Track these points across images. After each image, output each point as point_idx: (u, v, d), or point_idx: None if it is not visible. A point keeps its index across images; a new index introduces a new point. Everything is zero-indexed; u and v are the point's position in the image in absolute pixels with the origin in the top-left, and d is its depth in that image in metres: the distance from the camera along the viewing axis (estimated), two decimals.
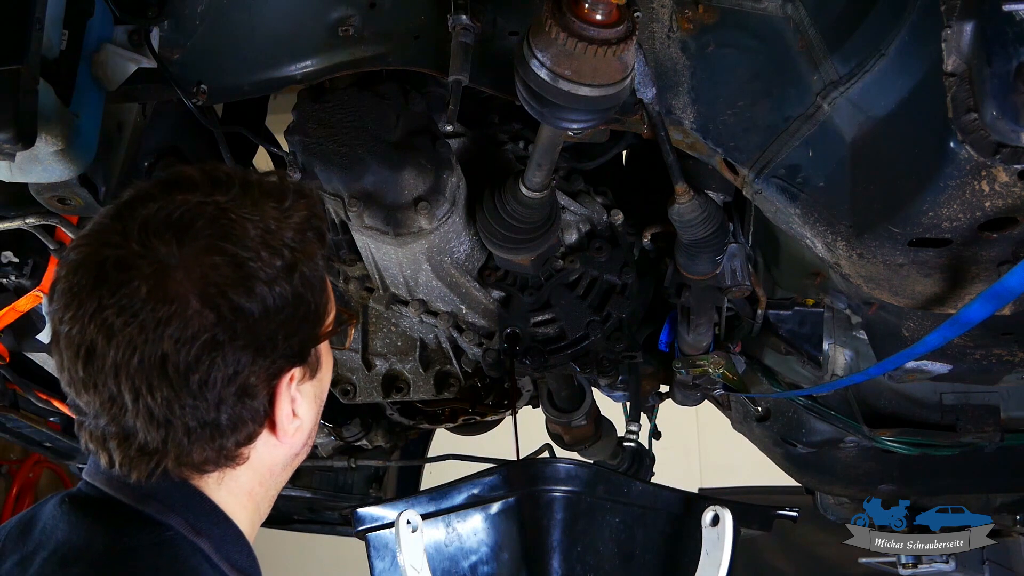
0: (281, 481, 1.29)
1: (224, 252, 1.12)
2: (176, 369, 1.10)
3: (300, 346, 1.19)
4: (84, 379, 1.12)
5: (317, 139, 1.71)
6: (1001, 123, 1.08)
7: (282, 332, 1.16)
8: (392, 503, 1.80)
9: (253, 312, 1.13)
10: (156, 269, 1.10)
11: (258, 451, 1.21)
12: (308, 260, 1.20)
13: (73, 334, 1.11)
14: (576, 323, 2.01)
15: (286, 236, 1.18)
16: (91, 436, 1.17)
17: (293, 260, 1.17)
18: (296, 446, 1.25)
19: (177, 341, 1.09)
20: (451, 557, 1.64)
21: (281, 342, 1.16)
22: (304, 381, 1.22)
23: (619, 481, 1.65)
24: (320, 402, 1.28)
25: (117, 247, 1.12)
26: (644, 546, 1.65)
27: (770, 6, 1.45)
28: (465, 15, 1.53)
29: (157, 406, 1.11)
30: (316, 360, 1.24)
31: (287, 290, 1.16)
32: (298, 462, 1.30)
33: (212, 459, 1.17)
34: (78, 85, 1.50)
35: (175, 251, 1.11)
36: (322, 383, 1.28)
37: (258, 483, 1.24)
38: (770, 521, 1.81)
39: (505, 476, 1.62)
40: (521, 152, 1.98)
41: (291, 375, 1.18)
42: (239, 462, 1.19)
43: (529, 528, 1.57)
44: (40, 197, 1.71)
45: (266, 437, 1.20)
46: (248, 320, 1.12)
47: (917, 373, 1.83)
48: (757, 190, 1.54)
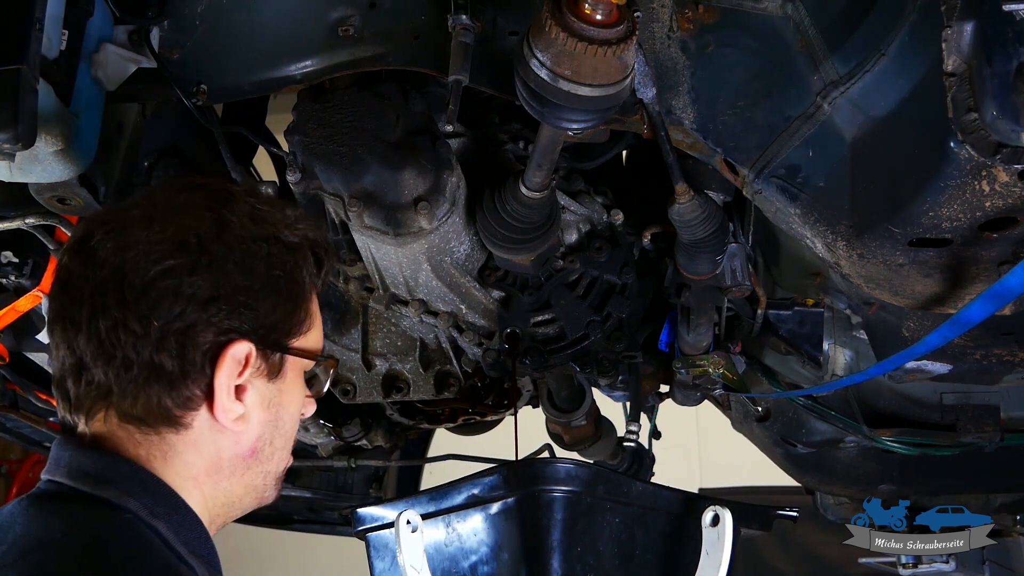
0: (231, 490, 1.27)
1: (212, 210, 1.20)
2: (131, 290, 1.15)
3: (261, 329, 1.22)
4: (57, 309, 1.20)
5: (317, 139, 1.71)
6: (1001, 123, 1.09)
7: (243, 299, 1.19)
8: (392, 503, 1.80)
9: (220, 260, 1.18)
10: (146, 212, 1.20)
11: (200, 427, 1.21)
12: (292, 262, 1.24)
13: (61, 266, 1.20)
14: (576, 323, 2.01)
15: (281, 231, 1.24)
16: (56, 383, 1.22)
17: (276, 250, 1.23)
18: (242, 445, 1.25)
19: (138, 263, 1.16)
20: (451, 557, 1.64)
21: (239, 308, 1.19)
22: (260, 375, 1.23)
23: (619, 481, 1.65)
24: (277, 417, 1.28)
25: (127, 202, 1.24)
26: (644, 546, 1.64)
27: (770, 6, 1.45)
28: (465, 15, 1.53)
29: (105, 328, 1.15)
30: (279, 366, 1.26)
31: (261, 267, 1.21)
32: (252, 481, 1.29)
33: (153, 413, 1.18)
34: (78, 85, 1.50)
35: (171, 205, 1.21)
36: (281, 396, 1.28)
37: (204, 471, 1.24)
38: (770, 521, 1.81)
39: (505, 476, 1.62)
40: (521, 152, 1.98)
41: (244, 351, 1.20)
42: (180, 427, 1.20)
43: (529, 528, 1.56)
44: (40, 197, 1.71)
45: (207, 415, 1.21)
46: (211, 265, 1.17)
47: (917, 373, 1.83)
48: (757, 190, 1.54)
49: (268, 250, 1.22)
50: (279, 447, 1.30)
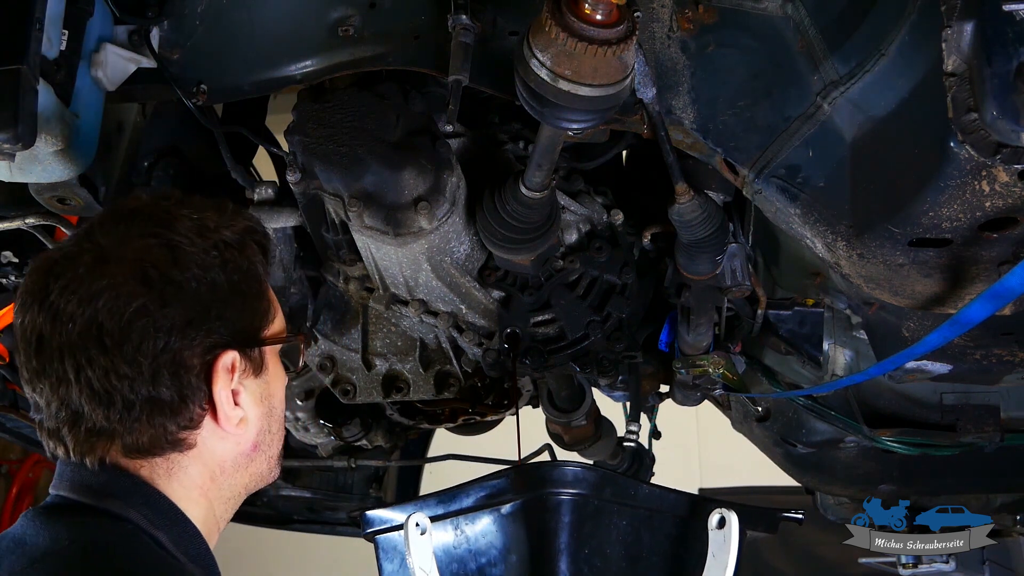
0: (237, 484, 1.33)
1: (158, 236, 1.24)
2: (111, 337, 1.18)
3: (237, 334, 1.27)
4: (36, 368, 1.22)
5: (317, 139, 1.71)
6: (1001, 123, 1.09)
7: (215, 312, 1.24)
8: (401, 506, 1.81)
9: (183, 284, 1.22)
10: (96, 255, 1.22)
11: (204, 440, 1.26)
12: (245, 260, 1.29)
13: (26, 324, 1.22)
14: (576, 323, 2.00)
15: (224, 234, 1.28)
16: (48, 432, 1.25)
17: (228, 254, 1.27)
18: (244, 443, 1.31)
19: (111, 310, 1.18)
20: (460, 559, 1.64)
21: (214, 322, 1.24)
22: (247, 376, 1.29)
23: (626, 484, 1.65)
24: (270, 407, 1.34)
25: (67, 247, 1.24)
26: (651, 548, 1.64)
27: (770, 6, 1.45)
28: (465, 15, 1.53)
29: (96, 378, 1.19)
30: (260, 359, 1.31)
31: (220, 276, 1.25)
32: (256, 470, 1.34)
33: (158, 442, 1.23)
34: (78, 85, 1.50)
35: (115, 240, 1.23)
36: (269, 386, 1.33)
37: (209, 478, 1.29)
38: (776, 523, 1.81)
39: (513, 479, 1.62)
40: (521, 152, 1.98)
41: (231, 360, 1.25)
42: (185, 448, 1.25)
43: (537, 530, 1.57)
44: (40, 197, 1.71)
45: (211, 426, 1.26)
46: (178, 292, 1.21)
47: (917, 373, 1.83)
48: (757, 190, 1.54)
49: (221, 257, 1.26)
50: (276, 430, 1.36)
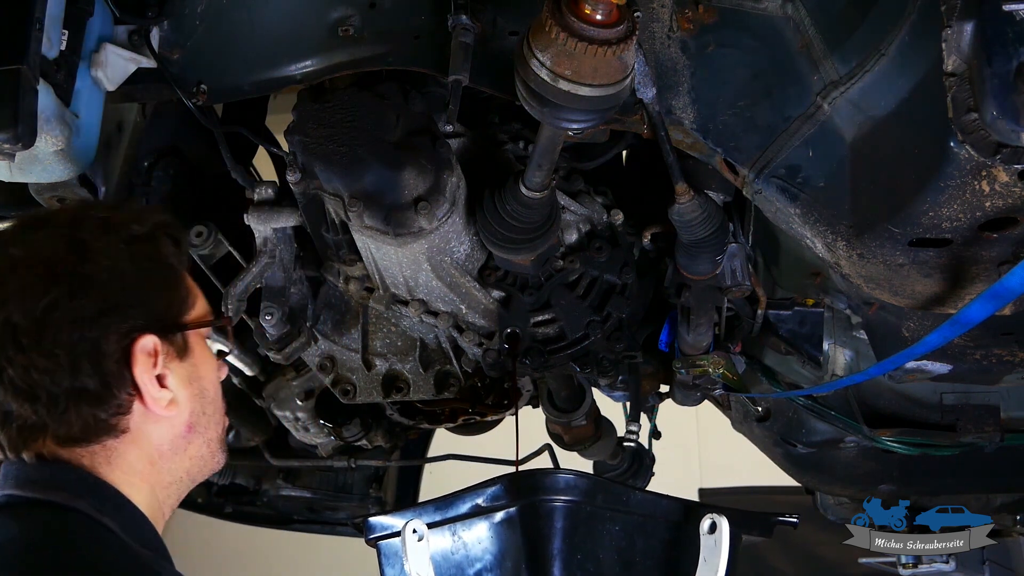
0: (177, 468, 1.37)
1: (63, 234, 1.28)
2: (26, 335, 1.23)
3: (155, 319, 1.31)
4: None
5: (317, 139, 1.71)
6: (1001, 123, 1.09)
7: (127, 300, 1.28)
8: (400, 512, 1.84)
9: (92, 277, 1.26)
10: (6, 264, 1.27)
11: (138, 425, 1.30)
12: (156, 251, 1.34)
13: None
14: (576, 323, 2.00)
15: (132, 228, 1.33)
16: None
17: (137, 247, 1.32)
18: (178, 425, 1.35)
19: (23, 309, 1.23)
20: (457, 564, 1.66)
21: (128, 309, 1.28)
22: (171, 359, 1.33)
23: (618, 491, 1.66)
24: (201, 388, 1.38)
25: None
26: (644, 553, 1.65)
27: (770, 6, 1.45)
28: (465, 15, 1.53)
29: (18, 376, 1.23)
30: (184, 343, 1.35)
31: (129, 267, 1.30)
32: (196, 452, 1.39)
33: (90, 430, 1.27)
34: (78, 85, 1.50)
35: (24, 248, 1.28)
36: (197, 369, 1.38)
37: (148, 463, 1.33)
38: (771, 527, 1.82)
39: (507, 486, 1.64)
40: (521, 152, 1.98)
41: (151, 344, 1.29)
42: (119, 433, 1.29)
43: (531, 536, 1.59)
44: (40, 197, 1.71)
45: (141, 410, 1.30)
46: (87, 284, 1.26)
47: (917, 373, 1.83)
48: (757, 190, 1.54)
49: (129, 250, 1.30)
50: (211, 413, 1.40)
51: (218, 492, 3.10)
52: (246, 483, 3.08)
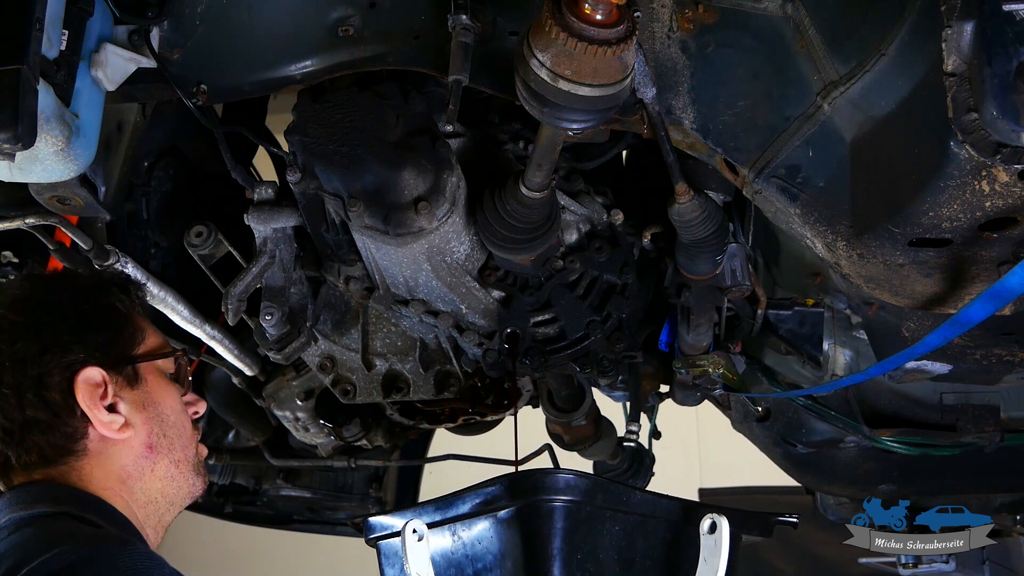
0: (150, 489, 1.48)
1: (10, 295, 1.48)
2: None
3: (96, 352, 1.45)
4: None
5: (317, 139, 1.71)
6: (1001, 123, 1.09)
7: (67, 337, 1.43)
8: (400, 512, 1.84)
9: (30, 324, 1.43)
10: None
11: (97, 447, 1.43)
12: (97, 295, 1.50)
13: None
14: (576, 323, 2.01)
15: (77, 280, 1.54)
16: None
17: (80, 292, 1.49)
18: (136, 446, 1.46)
19: None
20: (457, 564, 1.67)
21: (70, 346, 1.42)
22: (122, 387, 1.47)
23: (618, 491, 1.66)
24: (157, 413, 1.51)
25: None
26: (644, 553, 1.66)
27: (770, 6, 1.45)
28: (465, 15, 1.53)
29: None
30: (134, 374, 1.49)
31: (70, 309, 1.46)
32: (164, 473, 1.50)
33: (49, 453, 1.41)
34: (78, 85, 1.50)
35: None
36: (151, 395, 1.51)
37: (117, 481, 1.44)
38: (770, 527, 1.82)
39: (507, 486, 1.64)
40: (521, 152, 1.98)
41: (96, 375, 1.43)
42: (81, 455, 1.42)
43: (531, 536, 1.59)
44: (40, 197, 1.71)
45: (96, 434, 1.43)
46: (28, 330, 1.42)
47: (917, 373, 1.83)
48: (757, 190, 1.54)
49: (72, 297, 1.48)
50: (174, 436, 1.52)
51: (218, 492, 3.11)
52: (246, 483, 3.08)
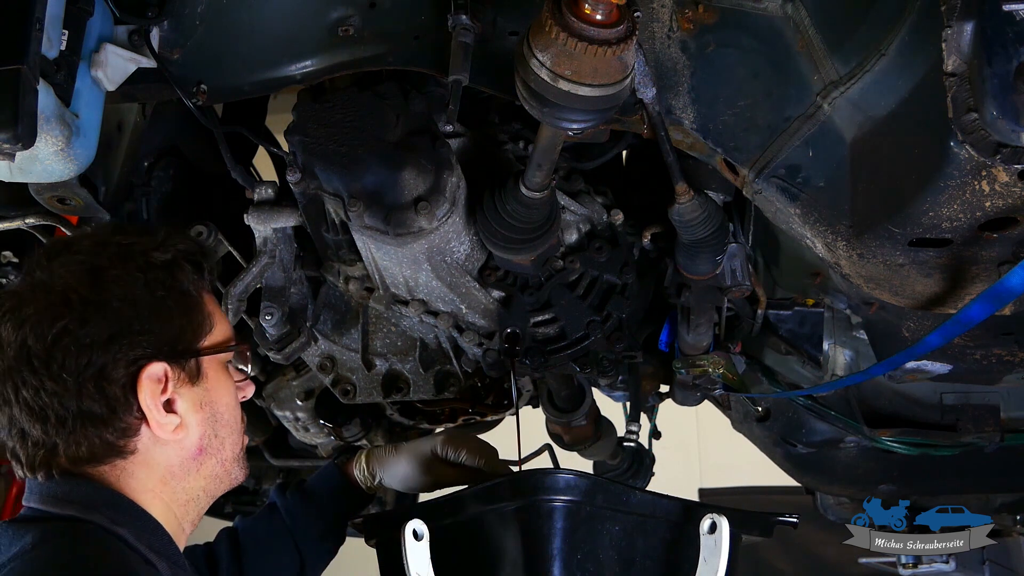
0: (192, 487, 1.42)
1: (81, 261, 1.34)
2: (38, 358, 1.29)
3: (166, 346, 1.36)
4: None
5: (317, 139, 1.71)
6: (1001, 123, 1.09)
7: (138, 327, 1.33)
8: (400, 512, 1.83)
9: (103, 304, 1.31)
10: (29, 286, 1.34)
11: (146, 446, 1.36)
12: (172, 278, 1.38)
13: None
14: (576, 323, 2.01)
15: (152, 256, 1.38)
16: (9, 452, 1.36)
17: (153, 274, 1.37)
18: (188, 448, 1.39)
19: (36, 333, 1.29)
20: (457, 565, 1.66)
21: (138, 336, 1.33)
22: (183, 384, 1.38)
23: (618, 491, 1.66)
24: (213, 412, 1.43)
25: (14, 284, 1.40)
26: (644, 553, 1.65)
27: (770, 6, 1.45)
28: (465, 15, 1.53)
29: (30, 397, 1.30)
30: (196, 369, 1.40)
31: (143, 294, 1.35)
32: (210, 472, 1.43)
33: (97, 451, 1.33)
34: (78, 85, 1.50)
35: (47, 272, 1.35)
36: (209, 394, 1.42)
37: (159, 481, 1.37)
38: (770, 527, 1.82)
39: (507, 486, 1.64)
40: (521, 152, 1.98)
41: (160, 371, 1.34)
42: (127, 454, 1.35)
43: (530, 537, 1.59)
44: (40, 197, 1.71)
45: (149, 433, 1.35)
46: (99, 311, 1.31)
47: (917, 373, 1.84)
48: (757, 190, 1.54)
49: (144, 277, 1.35)
50: (225, 435, 1.44)
51: None
52: (246, 483, 3.08)
